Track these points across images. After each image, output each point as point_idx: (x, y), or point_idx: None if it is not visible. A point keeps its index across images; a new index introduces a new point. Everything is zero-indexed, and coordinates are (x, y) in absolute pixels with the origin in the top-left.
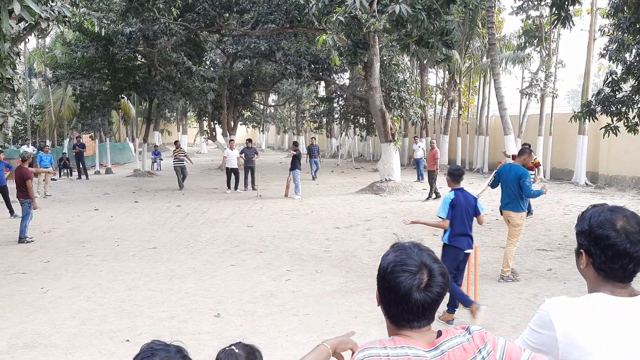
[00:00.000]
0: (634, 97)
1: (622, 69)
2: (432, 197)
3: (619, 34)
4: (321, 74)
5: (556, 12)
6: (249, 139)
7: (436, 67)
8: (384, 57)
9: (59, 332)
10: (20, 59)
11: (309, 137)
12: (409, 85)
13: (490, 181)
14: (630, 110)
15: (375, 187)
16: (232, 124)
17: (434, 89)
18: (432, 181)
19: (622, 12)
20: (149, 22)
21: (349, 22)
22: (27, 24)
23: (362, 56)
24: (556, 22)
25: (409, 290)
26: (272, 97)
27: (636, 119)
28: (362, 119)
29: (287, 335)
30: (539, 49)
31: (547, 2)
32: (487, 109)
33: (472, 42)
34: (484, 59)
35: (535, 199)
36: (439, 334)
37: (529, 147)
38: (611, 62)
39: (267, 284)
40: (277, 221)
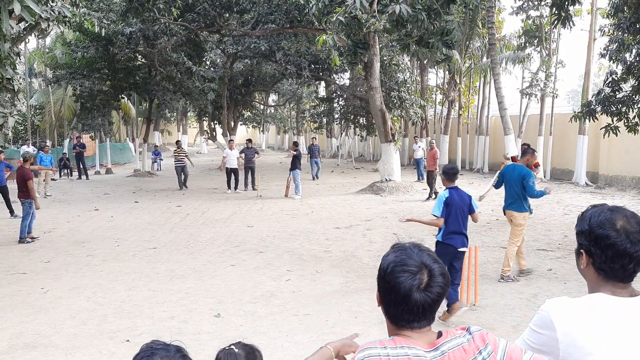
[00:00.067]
0: (634, 97)
1: (622, 69)
2: (432, 197)
3: (619, 34)
4: (321, 74)
5: (556, 12)
6: (249, 139)
7: (436, 67)
8: (384, 57)
9: (59, 332)
10: (20, 59)
11: (309, 137)
12: (409, 85)
13: (494, 182)
14: (630, 110)
15: (375, 187)
16: (232, 124)
17: (434, 89)
18: (431, 181)
19: (622, 12)
20: (149, 22)
21: (349, 22)
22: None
23: (362, 56)
24: (556, 22)
25: (409, 290)
26: (272, 97)
27: (636, 119)
28: (362, 119)
29: (287, 335)
30: (539, 49)
31: (547, 2)
32: (487, 109)
33: (472, 42)
34: (484, 59)
35: (535, 199)
36: (439, 334)
37: (528, 147)
38: (611, 62)
39: (267, 284)
40: (277, 221)
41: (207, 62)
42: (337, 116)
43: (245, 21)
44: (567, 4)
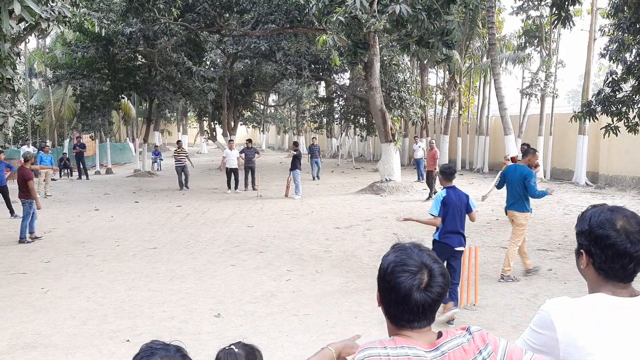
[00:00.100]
0: (634, 97)
1: (622, 69)
2: (432, 198)
3: (619, 34)
4: (321, 74)
5: (556, 12)
6: (249, 139)
7: (436, 67)
8: (384, 57)
9: (60, 332)
10: (20, 59)
11: (309, 137)
12: (409, 85)
13: (496, 182)
14: (630, 110)
15: (375, 187)
16: (232, 124)
17: (434, 89)
18: (431, 181)
19: (622, 12)
20: (149, 22)
21: (349, 22)
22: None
23: (362, 56)
24: (556, 22)
25: (409, 290)
26: (272, 97)
27: (636, 119)
28: (363, 119)
29: (288, 335)
30: (539, 49)
31: (547, 2)
32: (487, 109)
33: (472, 42)
34: (484, 59)
35: (536, 199)
36: (440, 334)
37: (528, 147)
38: (611, 62)
39: (268, 284)
40: (277, 221)
41: (207, 62)
42: (337, 116)
43: (245, 21)
44: (567, 4)
